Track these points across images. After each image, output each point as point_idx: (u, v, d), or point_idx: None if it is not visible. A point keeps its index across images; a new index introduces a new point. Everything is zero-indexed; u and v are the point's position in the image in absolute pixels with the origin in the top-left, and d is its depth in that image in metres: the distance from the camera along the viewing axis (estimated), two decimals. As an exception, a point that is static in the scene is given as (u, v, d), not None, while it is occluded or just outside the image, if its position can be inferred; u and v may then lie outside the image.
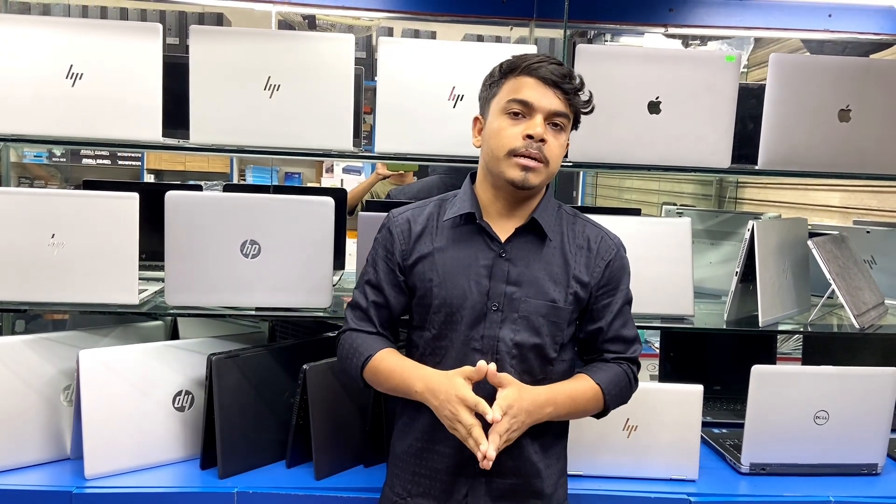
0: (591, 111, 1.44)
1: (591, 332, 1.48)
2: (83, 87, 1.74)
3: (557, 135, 1.37)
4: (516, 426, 1.31)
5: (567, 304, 1.42)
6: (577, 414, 1.43)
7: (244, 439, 1.74)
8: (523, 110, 1.35)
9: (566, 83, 1.35)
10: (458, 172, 3.13)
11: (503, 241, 1.41)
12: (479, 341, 1.39)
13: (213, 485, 1.67)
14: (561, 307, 1.41)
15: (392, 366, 1.41)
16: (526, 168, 1.35)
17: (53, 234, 1.71)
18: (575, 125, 1.43)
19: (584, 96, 1.40)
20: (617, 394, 1.45)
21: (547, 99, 1.34)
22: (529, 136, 1.34)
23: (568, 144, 1.44)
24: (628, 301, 1.50)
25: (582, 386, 1.42)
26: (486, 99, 1.43)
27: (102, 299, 1.75)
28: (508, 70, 1.38)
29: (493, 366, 1.31)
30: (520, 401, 1.30)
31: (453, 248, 1.43)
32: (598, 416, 1.47)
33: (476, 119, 1.46)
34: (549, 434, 1.46)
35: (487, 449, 1.25)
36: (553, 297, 1.41)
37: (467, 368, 1.32)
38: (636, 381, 1.51)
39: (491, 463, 1.25)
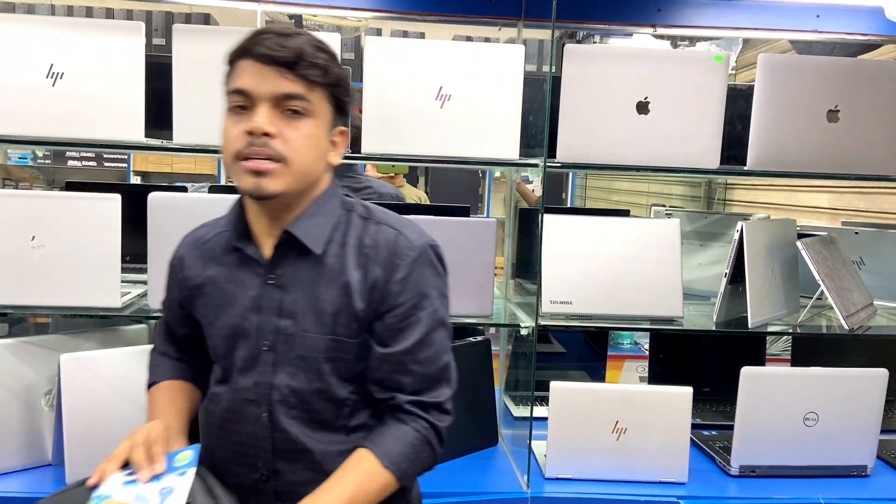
0: (345, 90, 1.16)
1: (379, 361, 1.17)
2: (64, 86, 1.71)
3: (296, 123, 1.10)
4: None
5: (353, 337, 1.16)
6: None
7: (229, 444, 1.71)
8: (244, 102, 1.10)
9: (290, 57, 1.08)
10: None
11: (269, 261, 1.17)
12: (251, 390, 1.16)
13: (197, 490, 1.65)
14: (344, 341, 1.15)
15: (153, 402, 1.30)
16: (256, 173, 1.08)
17: (34, 237, 1.68)
18: (338, 110, 1.16)
19: (329, 74, 1.12)
20: (410, 467, 1.16)
21: (268, 82, 1.08)
22: (251, 133, 1.08)
23: (343, 134, 1.19)
24: (440, 322, 1.18)
25: (363, 477, 1.12)
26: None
27: (84, 302, 1.72)
28: (232, 57, 1.12)
29: None
30: None
31: (223, 277, 1.21)
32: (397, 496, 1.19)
33: None
34: None
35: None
36: (335, 329, 1.15)
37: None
38: (441, 438, 1.18)
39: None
